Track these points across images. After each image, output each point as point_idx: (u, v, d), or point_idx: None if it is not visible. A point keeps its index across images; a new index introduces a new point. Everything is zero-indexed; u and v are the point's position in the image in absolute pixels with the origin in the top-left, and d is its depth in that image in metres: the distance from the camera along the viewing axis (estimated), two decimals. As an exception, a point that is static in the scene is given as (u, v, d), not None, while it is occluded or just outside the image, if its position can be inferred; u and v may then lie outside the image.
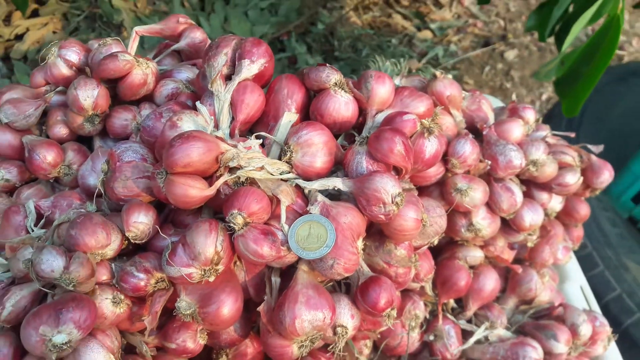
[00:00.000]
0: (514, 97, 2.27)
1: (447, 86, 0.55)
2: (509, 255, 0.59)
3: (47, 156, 0.50)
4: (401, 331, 0.53)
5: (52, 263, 0.38)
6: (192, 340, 0.44)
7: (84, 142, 0.55)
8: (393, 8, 2.70)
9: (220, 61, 0.48)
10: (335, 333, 0.43)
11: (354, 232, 0.43)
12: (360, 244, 0.44)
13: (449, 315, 0.57)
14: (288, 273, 0.45)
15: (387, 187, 0.41)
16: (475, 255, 0.57)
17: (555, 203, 0.59)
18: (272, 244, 0.40)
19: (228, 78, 0.48)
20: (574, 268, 0.67)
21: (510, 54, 2.48)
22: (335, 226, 0.42)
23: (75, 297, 0.37)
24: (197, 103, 0.48)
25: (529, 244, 0.59)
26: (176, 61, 0.61)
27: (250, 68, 0.48)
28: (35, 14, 2.20)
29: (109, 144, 0.55)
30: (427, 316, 0.57)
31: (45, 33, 2.15)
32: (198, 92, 0.52)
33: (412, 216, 0.44)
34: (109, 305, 0.39)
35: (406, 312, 0.54)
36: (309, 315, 0.40)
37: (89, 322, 0.37)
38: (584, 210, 0.61)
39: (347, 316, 0.44)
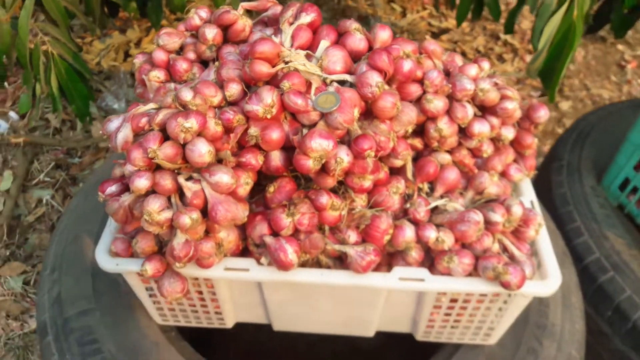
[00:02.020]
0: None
1: (432, 43, 0.86)
2: (469, 161, 0.86)
3: (183, 64, 0.86)
4: (386, 193, 0.82)
5: (187, 94, 0.71)
6: (254, 159, 0.75)
7: (203, 64, 0.90)
8: (459, 59, 2.98)
9: (289, 13, 0.82)
10: (336, 161, 0.73)
11: (352, 102, 0.73)
12: (356, 113, 0.74)
13: (422, 194, 0.85)
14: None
15: (373, 76, 0.72)
16: (445, 157, 0.85)
17: (508, 132, 0.86)
18: (303, 98, 0.72)
19: (291, 24, 0.82)
20: (528, 188, 0.92)
21: (565, 105, 2.69)
22: (341, 97, 0.72)
23: (197, 111, 0.70)
24: (272, 35, 0.81)
25: (484, 155, 0.85)
26: (263, 26, 0.96)
27: (305, 18, 0.81)
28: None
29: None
30: (407, 193, 0.85)
31: (165, 57, 2.63)
32: (274, 38, 0.86)
33: (390, 99, 0.74)
34: (212, 123, 0.72)
35: (391, 184, 0.83)
36: (320, 140, 0.71)
37: (202, 122, 0.69)
38: (529, 139, 0.87)
39: (344, 153, 0.73)
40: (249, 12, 0.95)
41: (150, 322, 0.98)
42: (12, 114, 2.44)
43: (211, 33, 0.86)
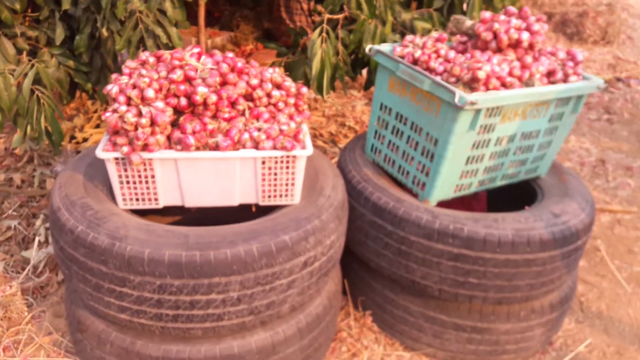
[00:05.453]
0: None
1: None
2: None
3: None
4: (237, 120, 1.84)
5: (147, 75, 1.73)
6: (173, 100, 1.75)
7: (147, 76, 1.92)
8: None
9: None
10: (209, 97, 1.74)
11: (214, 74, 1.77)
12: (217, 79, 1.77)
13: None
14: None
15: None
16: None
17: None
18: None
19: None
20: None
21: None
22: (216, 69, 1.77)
23: (151, 79, 1.71)
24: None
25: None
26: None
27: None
28: (97, 126, 3.68)
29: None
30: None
31: (101, 137, 3.59)
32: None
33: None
34: (155, 84, 1.72)
35: (237, 119, 1.85)
36: (202, 88, 1.73)
37: (151, 81, 1.70)
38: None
39: (214, 95, 1.75)
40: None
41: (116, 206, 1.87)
42: (-19, 177, 3.22)
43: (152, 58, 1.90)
